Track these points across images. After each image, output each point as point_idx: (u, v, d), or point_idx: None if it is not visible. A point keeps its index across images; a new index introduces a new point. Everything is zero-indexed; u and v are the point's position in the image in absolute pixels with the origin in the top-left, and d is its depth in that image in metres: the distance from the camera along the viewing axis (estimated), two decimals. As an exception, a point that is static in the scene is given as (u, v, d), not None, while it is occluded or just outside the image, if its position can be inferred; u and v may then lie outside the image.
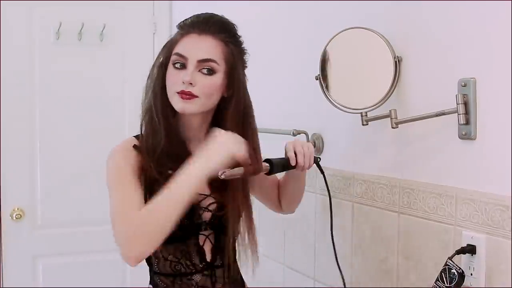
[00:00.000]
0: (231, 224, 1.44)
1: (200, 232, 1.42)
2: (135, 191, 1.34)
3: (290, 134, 1.87)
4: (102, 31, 2.88)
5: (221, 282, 1.46)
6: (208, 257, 1.45)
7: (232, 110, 1.42)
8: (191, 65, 1.36)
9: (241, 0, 2.29)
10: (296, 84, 1.97)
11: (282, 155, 1.49)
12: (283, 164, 1.49)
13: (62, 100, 2.84)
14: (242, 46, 1.45)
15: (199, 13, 1.44)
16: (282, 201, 1.65)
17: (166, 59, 1.41)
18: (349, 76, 1.59)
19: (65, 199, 2.83)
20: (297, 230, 1.99)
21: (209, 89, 1.38)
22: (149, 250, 1.30)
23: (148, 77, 1.44)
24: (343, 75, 1.61)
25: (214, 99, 1.41)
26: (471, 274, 1.29)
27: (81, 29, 2.82)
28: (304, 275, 1.96)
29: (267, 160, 1.48)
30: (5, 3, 2.71)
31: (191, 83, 1.36)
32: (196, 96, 1.37)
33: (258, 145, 1.48)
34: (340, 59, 1.59)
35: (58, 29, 2.79)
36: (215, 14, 1.43)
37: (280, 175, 1.61)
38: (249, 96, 1.46)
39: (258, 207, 2.18)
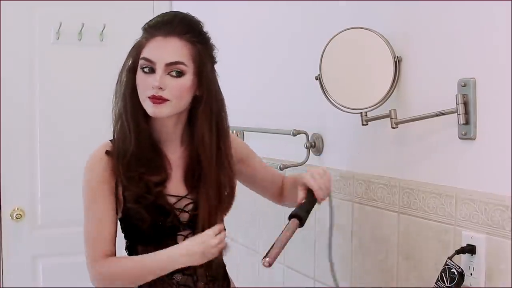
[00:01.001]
0: (201, 221, 1.42)
1: (179, 233, 1.43)
2: (106, 211, 1.40)
3: (290, 134, 1.86)
4: (102, 31, 2.88)
5: (203, 281, 1.47)
6: None
7: (203, 109, 1.42)
8: (160, 69, 1.36)
9: (241, 0, 2.29)
10: (296, 84, 1.97)
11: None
12: (308, 209, 1.42)
13: (62, 100, 2.84)
14: (210, 42, 1.44)
15: (163, 12, 1.44)
16: (286, 198, 1.64)
17: (134, 63, 1.42)
18: (349, 76, 1.59)
19: (65, 199, 2.81)
20: (297, 230, 1.99)
21: (179, 91, 1.37)
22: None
23: (117, 81, 1.44)
24: (343, 75, 1.61)
25: (186, 100, 1.41)
26: (471, 274, 1.29)
27: (81, 29, 2.82)
28: (304, 275, 1.96)
29: (295, 216, 1.39)
30: (5, 3, 2.71)
31: (160, 88, 1.35)
32: (167, 100, 1.36)
33: (230, 146, 1.48)
34: (340, 59, 1.59)
35: (58, 29, 2.79)
36: (179, 13, 1.43)
37: (284, 172, 1.59)
38: (221, 93, 1.46)
39: (258, 207, 2.19)
